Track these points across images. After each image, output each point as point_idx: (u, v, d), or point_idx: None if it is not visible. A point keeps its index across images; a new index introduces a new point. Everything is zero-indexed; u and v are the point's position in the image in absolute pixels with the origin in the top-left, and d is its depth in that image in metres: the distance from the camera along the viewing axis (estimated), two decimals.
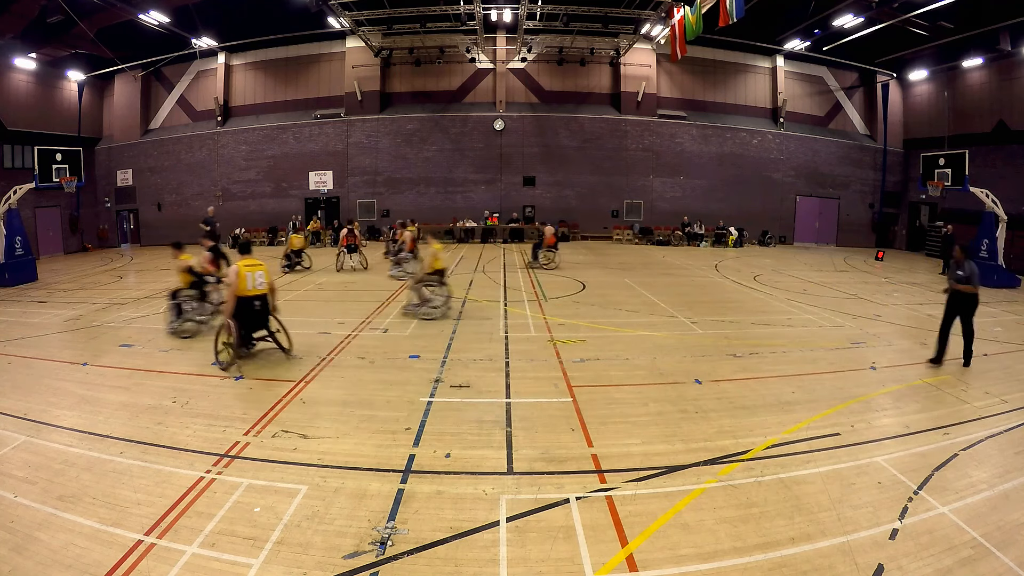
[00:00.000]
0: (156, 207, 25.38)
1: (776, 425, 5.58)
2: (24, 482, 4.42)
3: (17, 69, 21.62)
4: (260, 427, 5.46)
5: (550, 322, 9.92)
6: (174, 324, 8.93)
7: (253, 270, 7.21)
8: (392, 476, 4.56)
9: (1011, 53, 19.93)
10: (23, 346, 8.45)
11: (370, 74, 24.79)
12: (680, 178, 25.69)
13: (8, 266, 14.50)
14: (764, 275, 16.00)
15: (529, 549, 3.64)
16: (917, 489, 4.37)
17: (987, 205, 15.44)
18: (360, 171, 25.28)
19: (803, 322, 10.16)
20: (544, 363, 7.59)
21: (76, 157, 15.96)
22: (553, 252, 16.28)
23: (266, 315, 7.41)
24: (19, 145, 21.55)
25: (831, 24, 20.62)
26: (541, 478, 4.55)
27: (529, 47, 23.41)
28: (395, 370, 7.26)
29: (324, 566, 3.46)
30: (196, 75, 25.74)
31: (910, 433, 5.43)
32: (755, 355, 8.03)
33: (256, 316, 7.29)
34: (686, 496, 4.27)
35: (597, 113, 25.44)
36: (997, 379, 7.08)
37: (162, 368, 7.35)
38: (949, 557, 3.55)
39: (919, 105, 25.22)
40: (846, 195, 26.19)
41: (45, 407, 5.96)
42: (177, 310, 8.95)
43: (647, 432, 5.41)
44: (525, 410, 5.95)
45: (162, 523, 3.86)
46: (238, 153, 25.36)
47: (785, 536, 3.77)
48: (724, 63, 25.92)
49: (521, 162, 25.27)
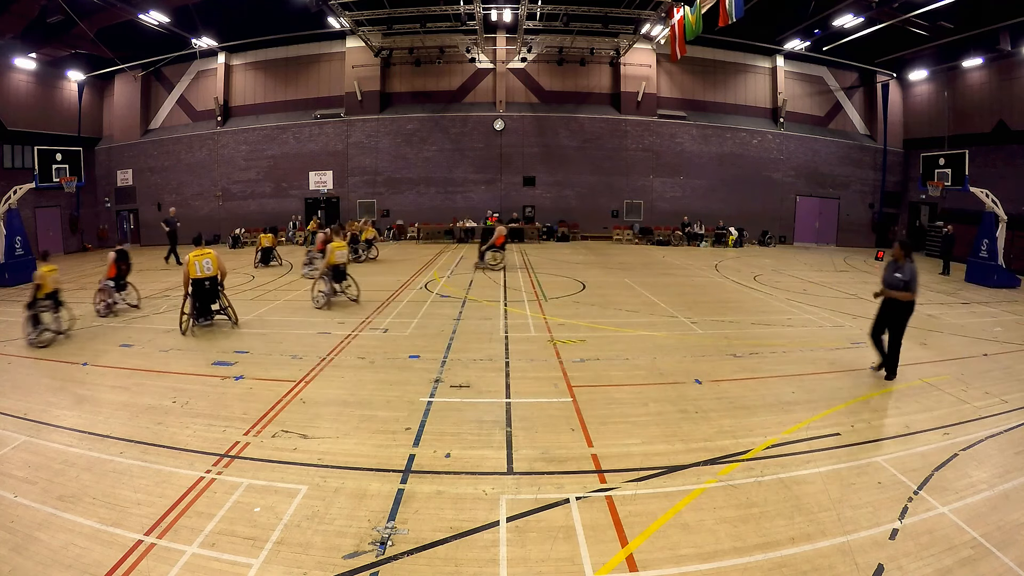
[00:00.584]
0: (156, 207, 25.38)
1: (776, 425, 5.58)
2: (24, 482, 4.42)
3: (17, 69, 21.62)
4: (260, 427, 5.46)
5: (550, 322, 9.92)
6: (32, 336, 8.42)
7: (201, 258, 9.02)
8: (392, 476, 4.56)
9: (1011, 53, 19.92)
10: (23, 346, 8.45)
11: (370, 74, 24.79)
12: (680, 178, 25.69)
13: (8, 266, 14.50)
14: (764, 275, 16.00)
15: (529, 549, 3.64)
16: (917, 489, 4.37)
17: (987, 205, 15.44)
18: (360, 171, 25.29)
19: (803, 322, 10.16)
20: (544, 363, 7.59)
21: (76, 157, 15.95)
22: (501, 252, 16.24)
23: (215, 293, 9.20)
24: (19, 145, 21.56)
25: (831, 24, 20.62)
26: (541, 478, 4.55)
27: (529, 47, 23.42)
28: (395, 370, 7.27)
29: (324, 566, 3.46)
30: (196, 75, 25.74)
31: (910, 433, 5.43)
32: (755, 355, 8.03)
33: (206, 293, 9.11)
34: (686, 496, 4.27)
35: (597, 113, 25.44)
36: (997, 379, 7.08)
37: (162, 368, 7.35)
38: (949, 557, 3.55)
39: (919, 105, 25.22)
40: (846, 195, 26.19)
41: (45, 407, 5.96)
42: (34, 320, 8.49)
43: (647, 432, 5.41)
44: (525, 410, 5.95)
45: (162, 523, 3.86)
46: (238, 153, 25.37)
47: (785, 536, 3.77)
48: (724, 63, 25.92)
49: (521, 162, 25.28)
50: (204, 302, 9.11)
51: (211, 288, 9.15)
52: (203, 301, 9.09)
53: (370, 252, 18.39)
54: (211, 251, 9.27)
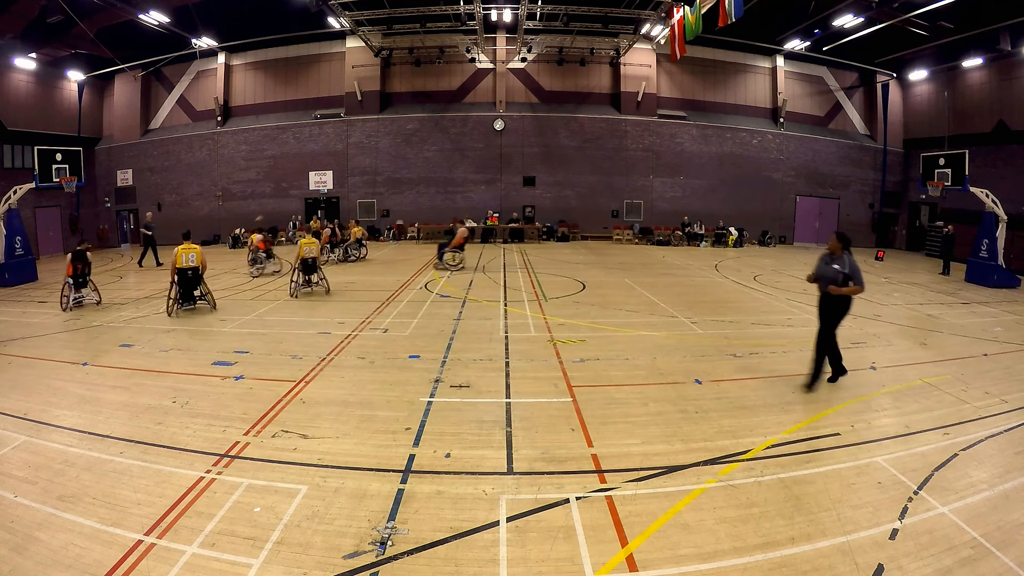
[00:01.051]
0: (156, 207, 25.38)
1: (776, 425, 5.57)
2: (24, 482, 4.42)
3: (17, 69, 21.62)
4: (260, 427, 5.46)
5: (550, 322, 9.92)
6: None
7: (187, 252, 10.52)
8: (392, 476, 4.56)
9: (1011, 53, 19.93)
10: (23, 346, 8.45)
11: (370, 74, 24.79)
12: (680, 178, 25.69)
13: (8, 266, 14.49)
14: (764, 275, 16.00)
15: (529, 549, 3.64)
16: (917, 489, 4.37)
17: (987, 205, 15.44)
18: (360, 171, 25.29)
19: (803, 322, 10.16)
20: (544, 363, 7.59)
21: (76, 157, 15.95)
22: (459, 252, 16.24)
23: (197, 280, 10.68)
24: (19, 145, 21.56)
25: (831, 24, 20.62)
26: (541, 478, 4.55)
27: (529, 47, 23.41)
28: (395, 370, 7.26)
29: (324, 566, 3.46)
30: (196, 75, 25.75)
31: (910, 433, 5.43)
32: (755, 355, 8.03)
33: (189, 282, 10.59)
34: (686, 496, 4.27)
35: (597, 113, 25.44)
36: (997, 379, 7.08)
37: (162, 368, 7.35)
38: (949, 557, 3.55)
39: (919, 105, 25.22)
40: (846, 195, 26.19)
41: (45, 407, 5.96)
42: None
43: (647, 432, 5.41)
44: (525, 410, 5.95)
45: (162, 523, 3.86)
46: (238, 153, 25.37)
47: (785, 536, 3.77)
48: (724, 63, 25.92)
49: (521, 162, 25.28)
50: (187, 289, 10.59)
51: (193, 277, 10.62)
52: (186, 288, 10.57)
53: (359, 252, 18.31)
54: (196, 246, 10.74)
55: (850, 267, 6.30)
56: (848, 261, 6.34)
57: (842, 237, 6.48)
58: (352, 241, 18.19)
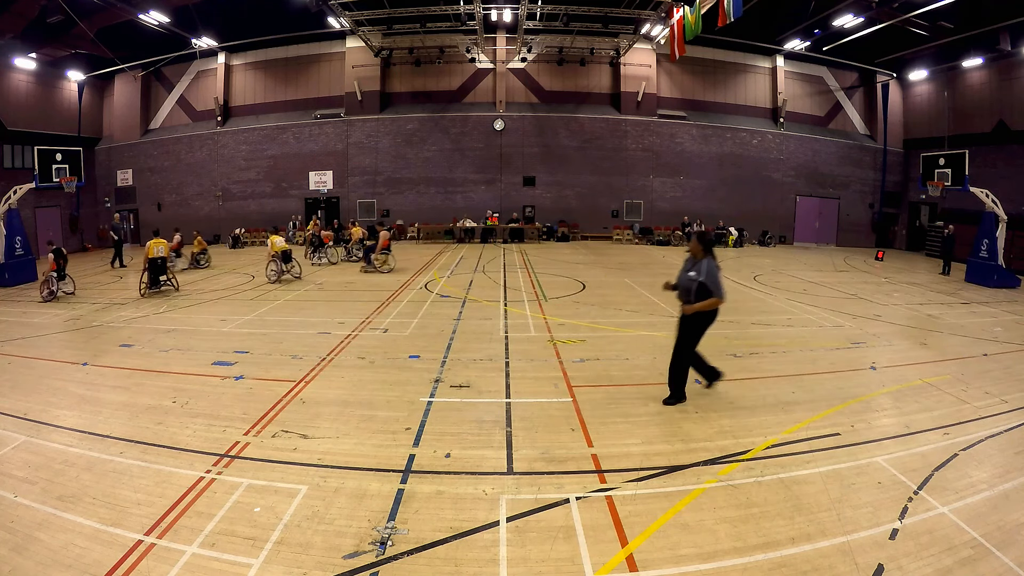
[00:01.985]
0: (156, 207, 25.39)
1: (776, 425, 5.57)
2: (24, 482, 4.42)
3: (17, 69, 21.62)
4: (260, 427, 5.46)
5: (550, 322, 9.92)
6: None
7: (157, 245, 12.75)
8: (392, 476, 4.55)
9: (1011, 53, 19.92)
10: (23, 346, 8.46)
11: (370, 74, 24.79)
12: (680, 178, 25.70)
13: (8, 266, 14.50)
14: (764, 275, 16.00)
15: (529, 549, 3.64)
16: (917, 489, 4.36)
17: (987, 205, 15.44)
18: (360, 171, 25.29)
19: (803, 322, 10.16)
20: (544, 363, 7.58)
21: (76, 157, 15.94)
22: (387, 255, 16.19)
23: (164, 268, 12.96)
24: (19, 145, 21.56)
25: (831, 24, 20.62)
26: (541, 478, 4.55)
27: (529, 47, 23.42)
28: (395, 370, 7.26)
29: (324, 566, 3.45)
30: (196, 75, 25.75)
31: (910, 433, 5.42)
32: (755, 355, 8.03)
33: (157, 269, 12.78)
34: (686, 496, 4.27)
35: (597, 113, 25.44)
36: (997, 379, 7.07)
37: (162, 368, 7.35)
38: (949, 557, 3.55)
39: (919, 105, 25.22)
40: (846, 195, 26.19)
41: (45, 407, 5.96)
42: None
43: (647, 432, 5.41)
44: (525, 410, 5.95)
45: (162, 523, 3.86)
46: (238, 153, 25.37)
47: (785, 536, 3.77)
48: (724, 63, 25.92)
49: (521, 162, 25.28)
50: (155, 275, 12.79)
51: (161, 265, 12.93)
52: (155, 274, 12.78)
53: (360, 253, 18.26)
54: (164, 241, 13.25)
55: (707, 274, 5.54)
56: (705, 267, 5.57)
57: (703, 238, 5.80)
58: (354, 242, 18.20)
